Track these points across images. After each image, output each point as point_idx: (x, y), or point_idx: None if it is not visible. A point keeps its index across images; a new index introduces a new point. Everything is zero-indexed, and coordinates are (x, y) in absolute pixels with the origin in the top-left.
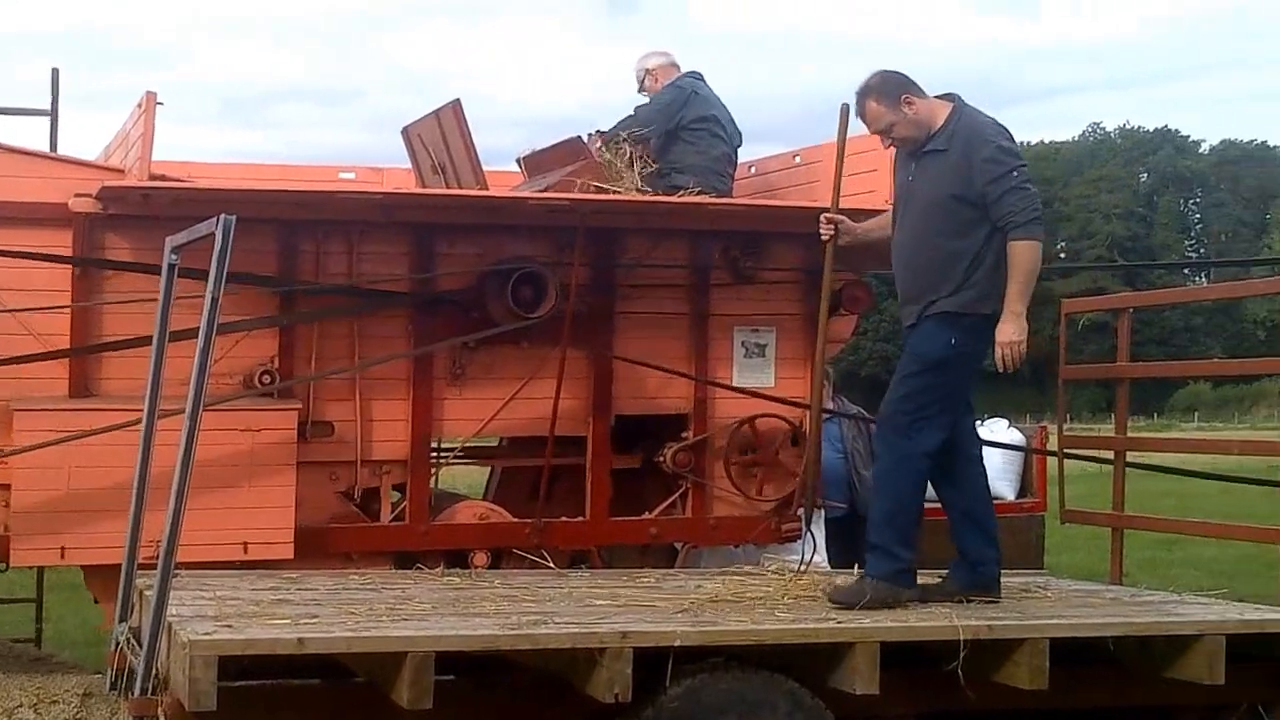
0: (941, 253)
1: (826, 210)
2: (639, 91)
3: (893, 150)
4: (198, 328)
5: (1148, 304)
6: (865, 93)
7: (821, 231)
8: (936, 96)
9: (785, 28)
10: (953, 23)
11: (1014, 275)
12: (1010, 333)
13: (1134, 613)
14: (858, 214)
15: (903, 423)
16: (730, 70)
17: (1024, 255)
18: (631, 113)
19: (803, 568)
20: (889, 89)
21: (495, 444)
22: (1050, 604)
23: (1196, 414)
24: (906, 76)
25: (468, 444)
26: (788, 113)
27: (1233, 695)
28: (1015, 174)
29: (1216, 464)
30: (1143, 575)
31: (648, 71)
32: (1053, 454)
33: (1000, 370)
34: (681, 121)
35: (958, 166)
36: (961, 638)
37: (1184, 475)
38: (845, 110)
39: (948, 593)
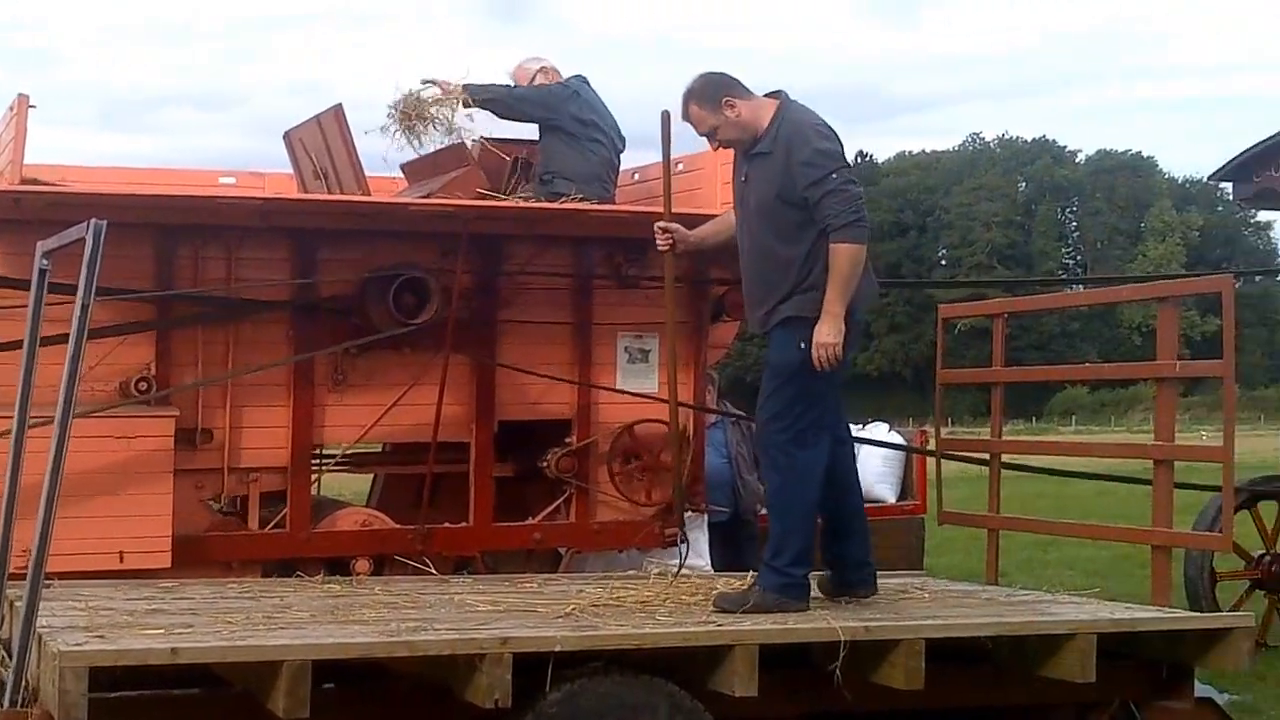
0: (777, 257)
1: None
2: None
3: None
4: (68, 334)
5: (1022, 310)
6: (687, 97)
7: (658, 242)
8: (765, 95)
9: (657, 36)
10: (833, 34)
11: (833, 278)
12: (826, 334)
13: (1008, 612)
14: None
15: (781, 439)
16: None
17: (843, 258)
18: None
19: (679, 571)
20: (709, 92)
21: (378, 450)
22: (927, 605)
23: (1074, 417)
24: (730, 78)
25: (350, 450)
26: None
27: (1105, 692)
28: (835, 176)
29: (1092, 467)
30: (1020, 575)
31: (540, 71)
32: (931, 453)
33: (818, 370)
34: (561, 119)
35: (782, 169)
36: (840, 639)
37: (1055, 475)
38: (666, 117)
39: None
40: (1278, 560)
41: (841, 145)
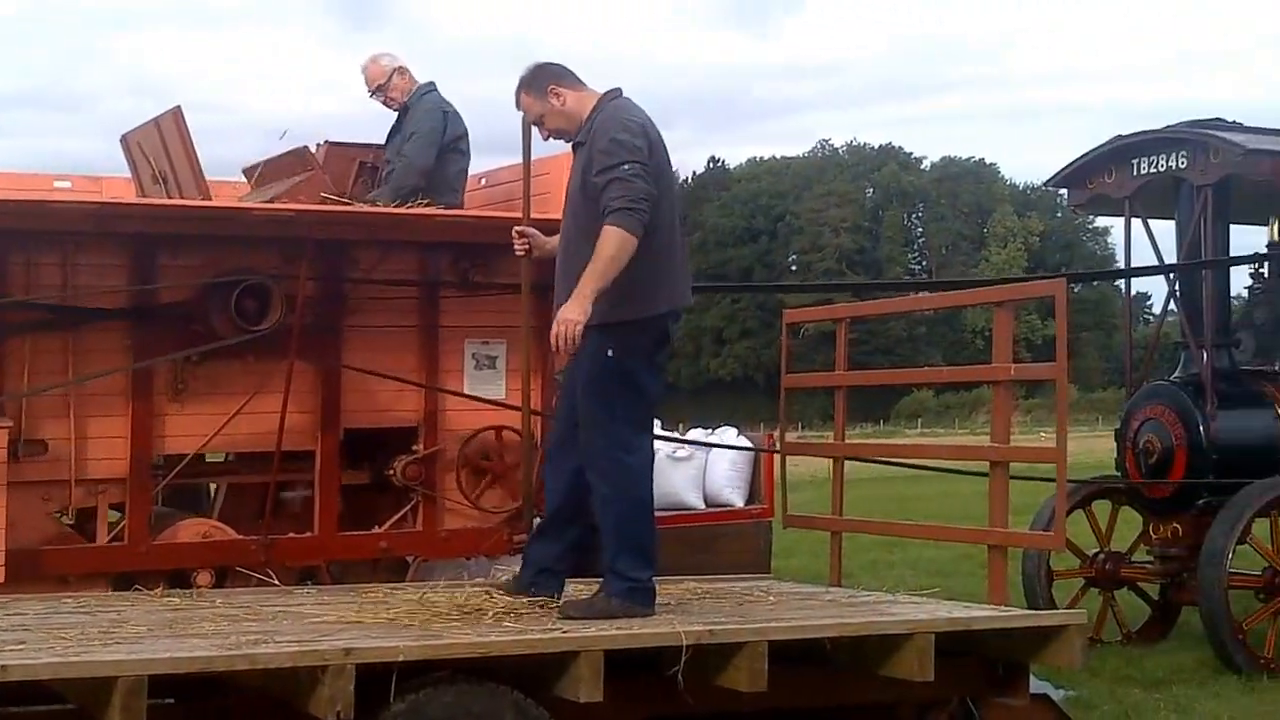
0: (581, 252)
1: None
2: (375, 93)
3: None
4: None
5: (863, 315)
6: (518, 86)
7: (516, 247)
8: (605, 92)
9: (514, 40)
10: (688, 40)
11: (595, 258)
12: (569, 311)
13: (849, 614)
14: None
15: (603, 445)
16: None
17: (608, 241)
18: (402, 155)
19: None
20: (538, 81)
21: (221, 460)
22: (770, 607)
23: (920, 420)
24: (561, 68)
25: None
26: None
27: (944, 691)
28: (626, 166)
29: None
30: (866, 577)
31: (397, 71)
32: (776, 451)
33: (553, 348)
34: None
35: (586, 159)
36: (684, 643)
37: (893, 465)
38: (528, 121)
39: (596, 609)
40: (1111, 558)
41: (648, 143)
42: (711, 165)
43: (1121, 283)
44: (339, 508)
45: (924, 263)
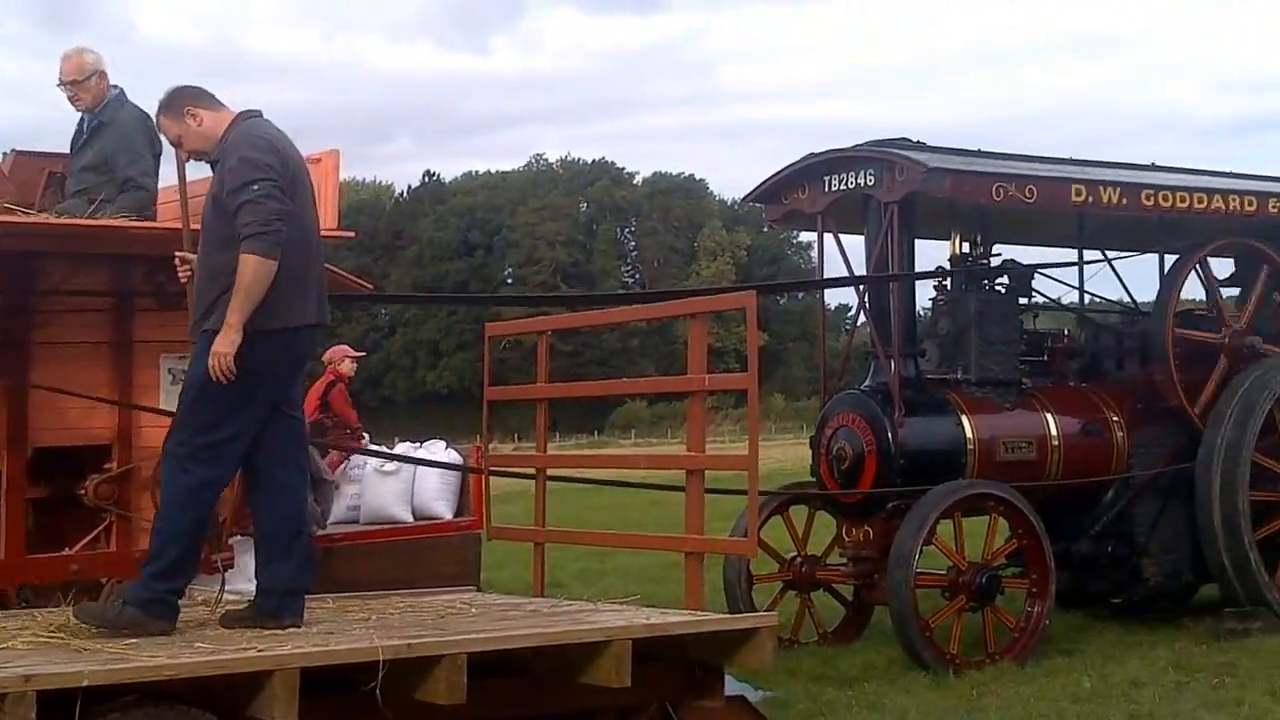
0: (210, 265)
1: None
2: (67, 86)
3: (329, 173)
4: None
5: (562, 326)
6: (157, 110)
7: (179, 274)
8: (241, 112)
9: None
10: (404, 52)
11: (236, 288)
12: (219, 345)
13: (549, 623)
14: None
15: (180, 452)
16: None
17: (245, 269)
18: (134, 182)
19: (220, 598)
20: (174, 102)
21: None
22: (472, 619)
23: (634, 430)
24: (198, 90)
25: None
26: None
27: (643, 696)
28: (256, 186)
29: (648, 477)
30: (578, 586)
31: (99, 74)
32: (475, 470)
33: (224, 386)
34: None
35: (219, 177)
36: (381, 658)
37: (580, 483)
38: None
39: (247, 620)
40: (808, 562)
41: (279, 159)
42: (427, 179)
43: (824, 294)
44: (27, 529)
45: (637, 276)
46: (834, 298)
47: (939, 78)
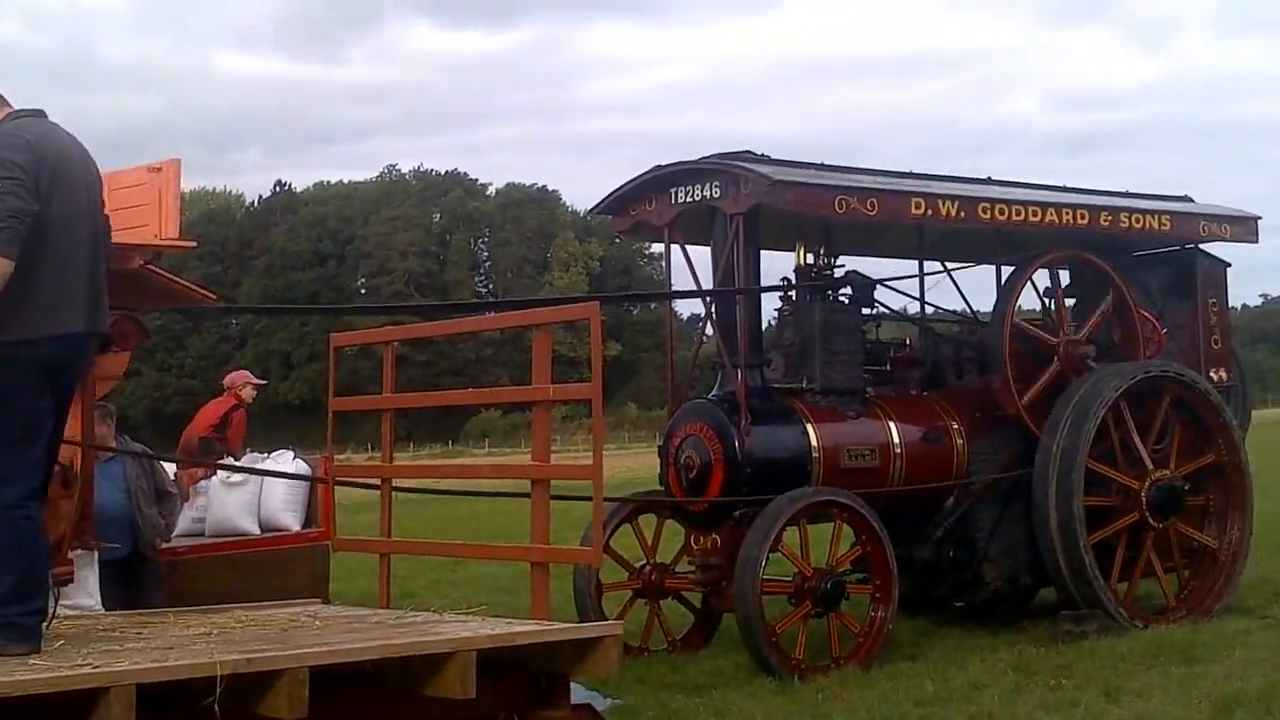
0: None
1: None
2: None
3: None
4: None
5: (408, 337)
6: None
7: None
8: (14, 110)
9: (68, 51)
10: (255, 60)
11: None
12: None
13: (394, 635)
14: (129, 250)
15: None
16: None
17: None
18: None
19: (54, 614)
20: None
21: None
22: (316, 632)
23: (488, 440)
24: None
25: None
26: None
27: (490, 707)
28: None
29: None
30: (430, 596)
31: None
32: (321, 481)
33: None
34: None
35: None
36: (219, 673)
37: (424, 493)
38: None
39: None
40: (657, 570)
41: (33, 159)
42: (278, 189)
43: (675, 305)
44: None
45: (491, 286)
46: (685, 308)
47: (785, 92)
